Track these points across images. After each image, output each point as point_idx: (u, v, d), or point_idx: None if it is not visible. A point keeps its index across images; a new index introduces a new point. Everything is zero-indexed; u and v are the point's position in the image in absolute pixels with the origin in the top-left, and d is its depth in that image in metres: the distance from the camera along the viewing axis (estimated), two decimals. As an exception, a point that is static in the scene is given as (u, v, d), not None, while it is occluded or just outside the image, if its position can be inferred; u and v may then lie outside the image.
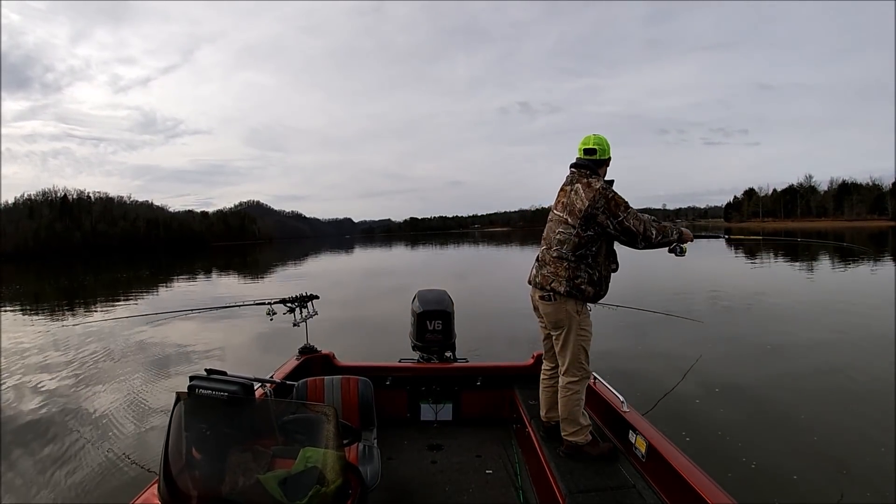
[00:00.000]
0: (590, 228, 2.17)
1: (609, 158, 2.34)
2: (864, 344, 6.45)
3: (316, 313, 3.38)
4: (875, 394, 4.66)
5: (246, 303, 3.52)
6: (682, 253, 2.28)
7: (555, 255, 2.25)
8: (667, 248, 2.27)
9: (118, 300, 15.55)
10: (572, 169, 2.33)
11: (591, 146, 2.30)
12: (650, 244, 2.18)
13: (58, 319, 11.41)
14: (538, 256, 2.39)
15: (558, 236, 2.25)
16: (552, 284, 2.23)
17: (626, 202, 2.16)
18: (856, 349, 6.19)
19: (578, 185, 2.23)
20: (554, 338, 2.32)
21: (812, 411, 4.31)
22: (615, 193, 2.17)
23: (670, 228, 2.22)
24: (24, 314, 12.66)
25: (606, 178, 2.29)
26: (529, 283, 2.41)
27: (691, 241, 2.29)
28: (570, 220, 2.21)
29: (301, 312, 3.28)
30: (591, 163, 2.28)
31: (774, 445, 3.65)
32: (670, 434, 2.15)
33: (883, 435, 3.77)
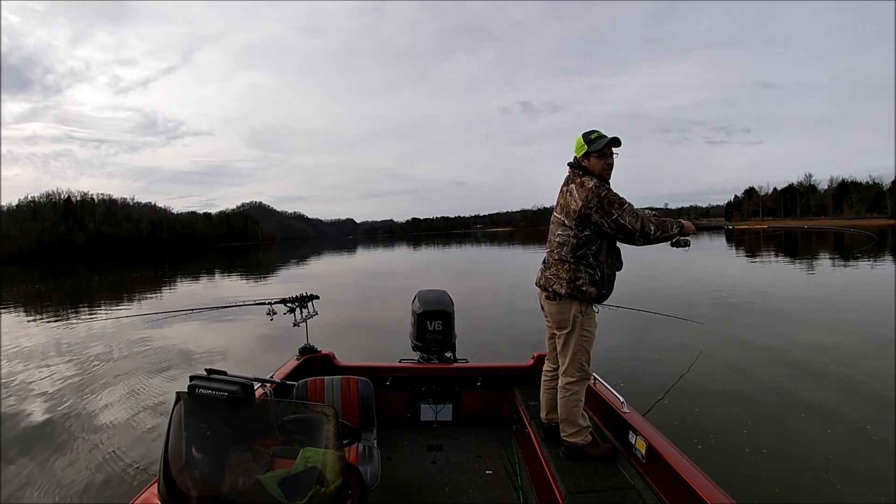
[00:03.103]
0: (586, 229, 2.15)
1: (588, 152, 2.18)
2: (864, 343, 6.41)
3: (316, 313, 3.38)
4: (875, 393, 4.64)
5: (246, 303, 3.52)
6: (685, 246, 2.24)
7: (556, 257, 2.25)
8: (669, 243, 2.22)
9: (121, 301, 15.61)
10: (569, 169, 2.31)
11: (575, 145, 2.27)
12: (649, 240, 2.13)
13: (60, 320, 11.45)
14: (544, 258, 2.39)
15: (558, 238, 2.25)
16: (554, 287, 2.23)
17: (621, 199, 2.10)
18: (856, 348, 6.16)
19: (573, 186, 2.21)
20: (557, 337, 2.31)
21: (812, 411, 4.29)
22: (608, 191, 2.13)
23: (670, 222, 2.17)
24: (27, 315, 12.71)
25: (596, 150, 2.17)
26: (536, 284, 2.40)
27: (694, 233, 2.23)
28: (567, 221, 2.20)
29: (301, 312, 3.28)
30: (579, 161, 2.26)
31: (774, 446, 3.63)
32: (670, 435, 2.14)
33: (883, 435, 3.75)
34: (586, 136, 2.22)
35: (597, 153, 2.20)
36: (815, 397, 4.61)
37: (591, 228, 2.14)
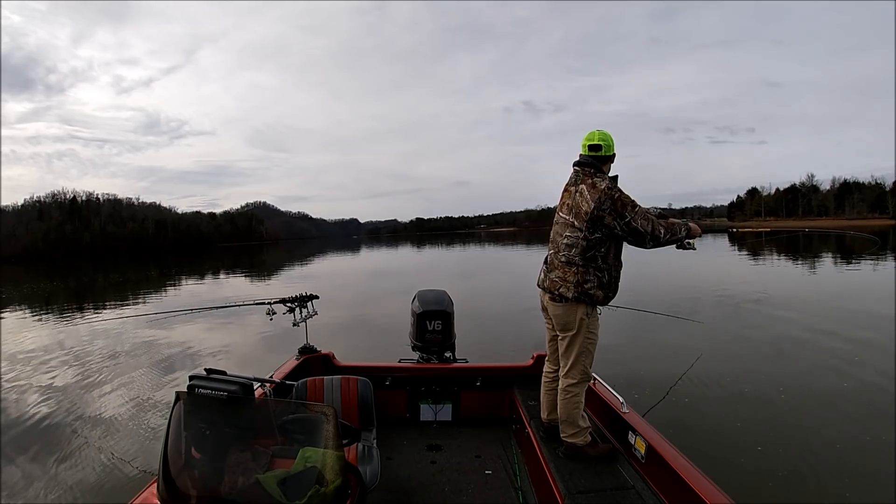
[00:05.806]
0: (597, 231, 2.11)
1: (614, 155, 2.27)
2: (865, 343, 6.38)
3: (316, 313, 3.39)
4: (876, 394, 4.62)
5: (246, 303, 3.53)
6: (690, 247, 2.24)
7: (563, 259, 2.20)
8: (676, 245, 2.21)
9: (124, 301, 15.68)
10: (576, 168, 2.26)
11: (595, 142, 2.21)
12: (659, 243, 2.12)
13: (62, 320, 11.53)
14: (546, 259, 2.35)
15: (566, 240, 2.19)
16: (560, 290, 2.18)
17: (633, 201, 2.09)
18: (856, 349, 6.13)
19: (583, 186, 2.16)
20: (560, 339, 2.28)
21: (811, 411, 4.28)
22: (621, 193, 2.10)
23: (679, 225, 2.16)
24: (32, 314, 12.79)
25: (611, 175, 2.23)
26: (538, 286, 2.36)
27: (700, 235, 2.24)
28: (576, 222, 2.15)
29: (301, 312, 3.29)
30: (596, 160, 2.21)
31: (774, 446, 3.63)
32: (670, 435, 2.14)
33: (883, 435, 3.74)
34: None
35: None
36: (816, 398, 4.59)
37: (602, 230, 2.11)
